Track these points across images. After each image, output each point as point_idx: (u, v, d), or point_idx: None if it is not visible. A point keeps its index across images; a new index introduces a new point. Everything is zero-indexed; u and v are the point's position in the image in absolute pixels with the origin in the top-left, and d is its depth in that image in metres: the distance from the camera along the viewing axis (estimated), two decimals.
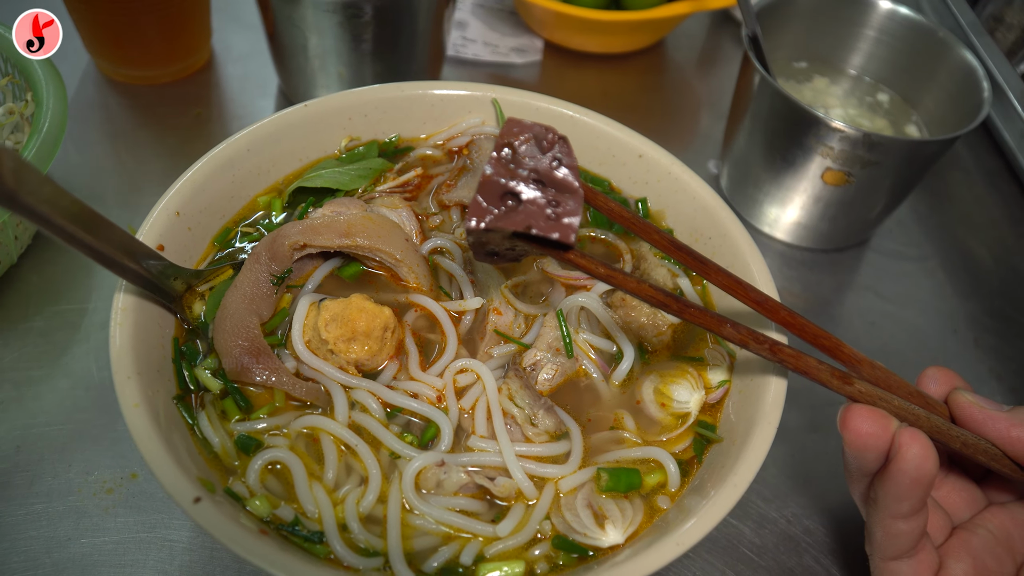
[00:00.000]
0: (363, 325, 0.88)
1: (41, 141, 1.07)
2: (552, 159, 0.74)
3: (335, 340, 0.88)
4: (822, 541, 1.08)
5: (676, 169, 1.07)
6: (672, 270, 1.02)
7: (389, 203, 1.04)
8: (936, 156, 1.27)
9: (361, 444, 0.84)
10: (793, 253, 1.43)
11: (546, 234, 0.70)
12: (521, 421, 0.88)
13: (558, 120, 1.12)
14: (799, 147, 1.27)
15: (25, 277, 1.20)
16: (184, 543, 0.98)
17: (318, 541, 0.78)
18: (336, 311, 0.89)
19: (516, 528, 0.82)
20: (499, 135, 0.75)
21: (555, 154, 0.74)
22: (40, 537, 0.97)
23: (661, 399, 0.92)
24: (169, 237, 0.92)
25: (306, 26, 1.31)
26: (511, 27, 1.75)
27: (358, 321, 0.88)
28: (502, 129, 0.75)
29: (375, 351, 0.89)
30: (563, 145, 0.75)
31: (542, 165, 0.73)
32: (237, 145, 1.00)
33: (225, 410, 0.86)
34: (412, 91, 1.11)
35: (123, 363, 0.80)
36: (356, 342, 0.88)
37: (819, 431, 1.19)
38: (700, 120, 1.69)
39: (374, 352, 0.89)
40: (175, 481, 0.73)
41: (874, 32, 1.43)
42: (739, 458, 0.82)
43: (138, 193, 1.37)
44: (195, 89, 1.55)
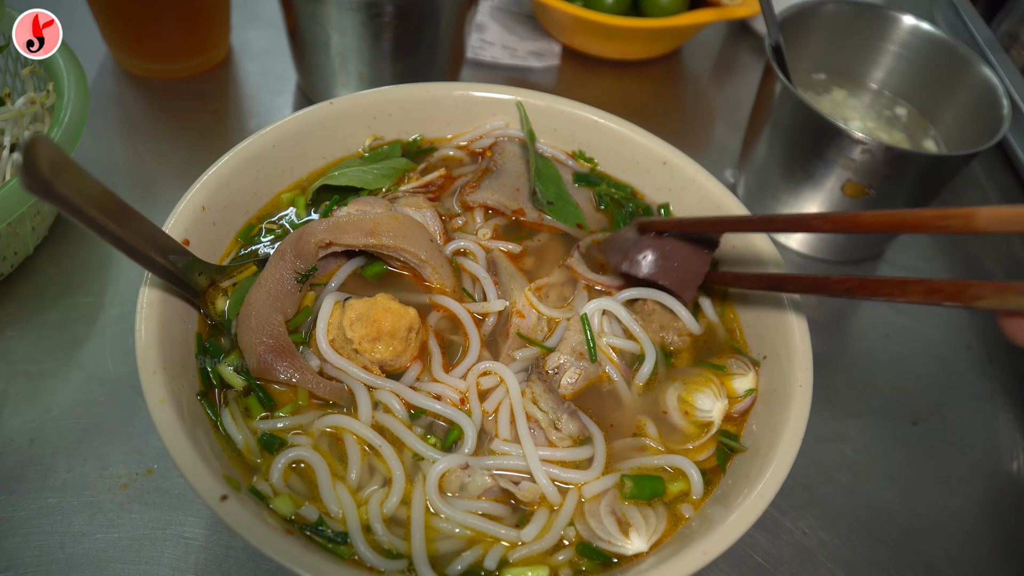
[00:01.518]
0: (388, 325, 0.88)
1: (62, 132, 1.07)
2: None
3: (360, 339, 0.87)
4: (837, 553, 1.08)
5: (701, 177, 1.06)
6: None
7: (413, 203, 1.03)
8: (955, 172, 1.27)
9: (385, 445, 0.84)
10: (808, 264, 1.43)
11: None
12: (544, 425, 0.87)
13: (583, 125, 1.12)
14: (820, 158, 1.27)
15: (41, 268, 1.19)
16: (199, 540, 0.97)
17: (342, 542, 0.77)
18: (361, 311, 0.89)
19: (540, 533, 0.81)
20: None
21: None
22: (54, 532, 0.96)
23: (685, 407, 0.92)
24: (194, 231, 0.92)
25: (328, 24, 1.30)
26: (529, 31, 1.75)
27: (383, 321, 0.88)
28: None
29: (399, 351, 0.89)
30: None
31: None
32: (263, 141, 1.00)
33: (248, 407, 0.86)
34: (437, 92, 1.11)
35: (149, 358, 0.79)
36: (381, 342, 0.88)
37: (835, 442, 1.19)
38: (716, 129, 1.69)
39: (398, 352, 0.89)
40: (202, 478, 0.72)
41: (895, 46, 1.43)
42: (764, 468, 0.82)
43: (154, 187, 1.36)
44: (213, 85, 1.54)
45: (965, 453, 1.22)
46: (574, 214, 1.07)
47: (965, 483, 1.19)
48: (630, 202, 1.10)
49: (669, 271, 0.97)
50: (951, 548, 1.11)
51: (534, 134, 1.13)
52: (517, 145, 1.14)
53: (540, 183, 1.08)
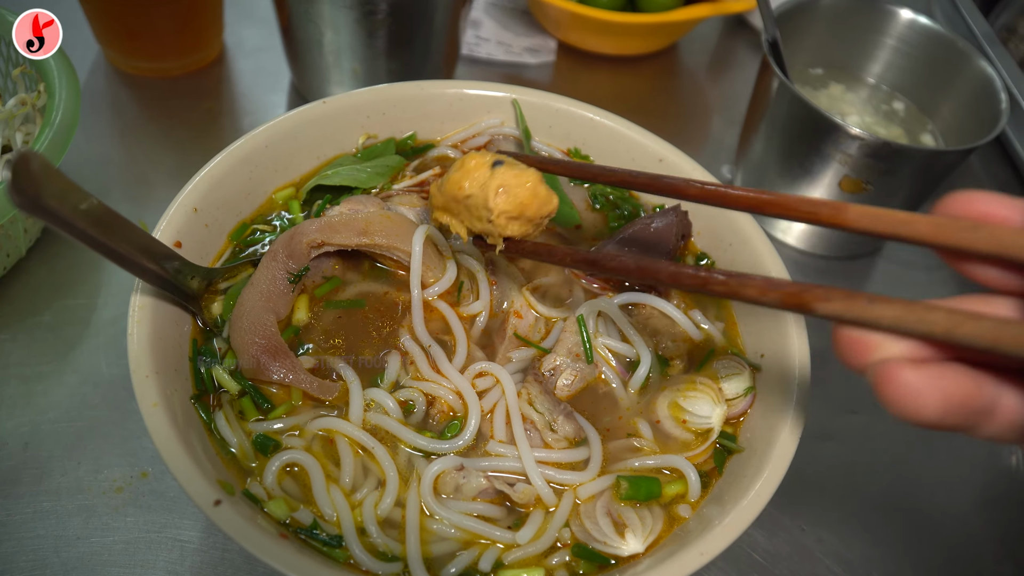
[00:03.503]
0: (532, 211, 0.83)
1: (54, 134, 1.06)
2: None
3: (499, 213, 0.82)
4: (835, 550, 1.08)
5: (697, 175, 1.06)
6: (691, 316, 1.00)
7: (407, 201, 1.03)
8: (953, 166, 1.27)
9: (378, 446, 0.83)
10: (806, 260, 1.42)
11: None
12: (540, 426, 0.87)
13: (578, 122, 1.11)
14: (817, 153, 1.26)
15: (34, 270, 1.19)
16: (195, 544, 0.96)
17: (337, 545, 0.77)
18: (510, 183, 0.82)
19: (536, 535, 0.81)
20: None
21: None
22: (48, 536, 0.95)
23: (679, 415, 0.91)
24: (186, 233, 0.91)
25: (322, 21, 1.30)
26: (525, 27, 1.74)
27: (530, 205, 0.83)
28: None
29: (527, 232, 0.85)
30: None
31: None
32: (255, 141, 0.99)
33: (243, 410, 0.85)
34: (432, 90, 1.10)
35: (141, 362, 0.79)
36: (518, 221, 0.83)
37: (832, 439, 1.18)
38: (712, 124, 1.69)
39: (526, 233, 0.85)
40: (195, 483, 0.72)
41: (893, 41, 1.42)
42: (761, 468, 0.82)
43: (147, 187, 1.35)
44: (206, 83, 1.54)
45: (964, 449, 1.22)
46: (569, 214, 1.06)
47: (964, 479, 1.19)
48: (626, 203, 1.10)
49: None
50: (950, 545, 1.11)
51: (529, 132, 1.12)
52: (512, 143, 1.13)
53: None
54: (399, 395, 0.87)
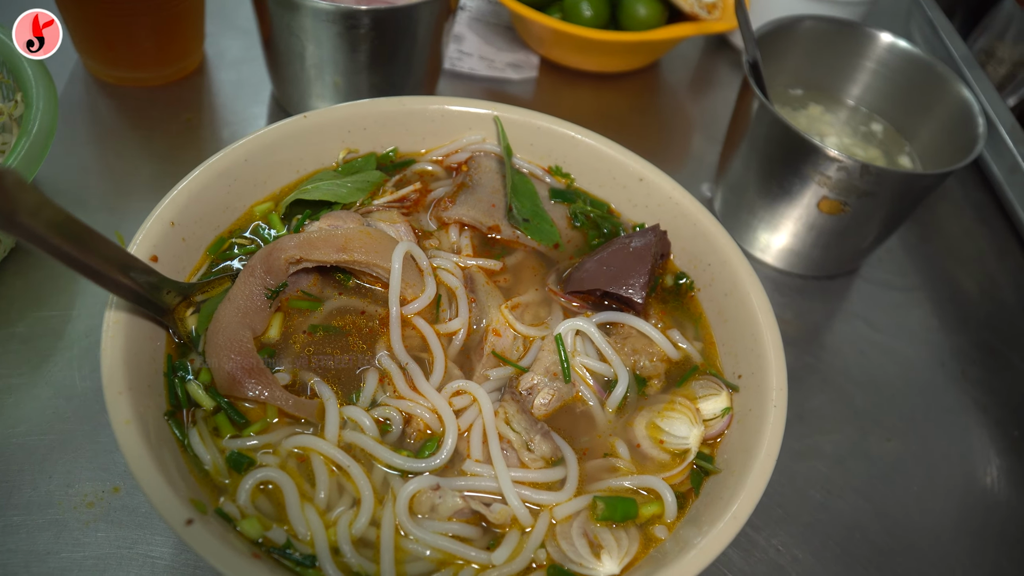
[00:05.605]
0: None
1: (30, 144, 1.05)
2: None
3: None
4: (811, 571, 1.08)
5: (677, 194, 1.06)
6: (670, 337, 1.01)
7: (387, 217, 1.02)
8: (931, 189, 1.28)
9: (353, 465, 0.83)
10: (784, 279, 1.43)
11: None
12: (517, 446, 0.86)
13: (560, 140, 1.11)
14: (796, 175, 1.27)
15: (8, 281, 1.17)
16: (166, 560, 0.95)
17: (311, 565, 0.76)
18: None
19: (511, 556, 0.80)
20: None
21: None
22: (19, 551, 0.94)
23: (656, 435, 0.91)
24: (163, 247, 0.90)
25: (304, 34, 1.29)
26: (507, 42, 1.75)
27: None
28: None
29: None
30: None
31: None
32: (235, 155, 0.99)
33: (218, 426, 0.84)
34: (413, 105, 1.10)
35: (114, 379, 0.78)
36: None
37: (809, 459, 1.19)
38: (693, 143, 1.70)
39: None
40: (167, 502, 0.71)
41: (872, 63, 1.44)
42: (738, 489, 0.82)
43: (125, 198, 1.34)
44: (186, 93, 1.52)
45: (939, 469, 1.23)
46: (549, 232, 1.06)
47: (939, 499, 1.19)
48: (606, 221, 1.10)
49: (603, 275, 0.99)
50: (925, 565, 1.12)
51: (511, 149, 1.12)
52: (493, 160, 1.13)
53: (516, 199, 1.07)
54: (376, 413, 0.87)
